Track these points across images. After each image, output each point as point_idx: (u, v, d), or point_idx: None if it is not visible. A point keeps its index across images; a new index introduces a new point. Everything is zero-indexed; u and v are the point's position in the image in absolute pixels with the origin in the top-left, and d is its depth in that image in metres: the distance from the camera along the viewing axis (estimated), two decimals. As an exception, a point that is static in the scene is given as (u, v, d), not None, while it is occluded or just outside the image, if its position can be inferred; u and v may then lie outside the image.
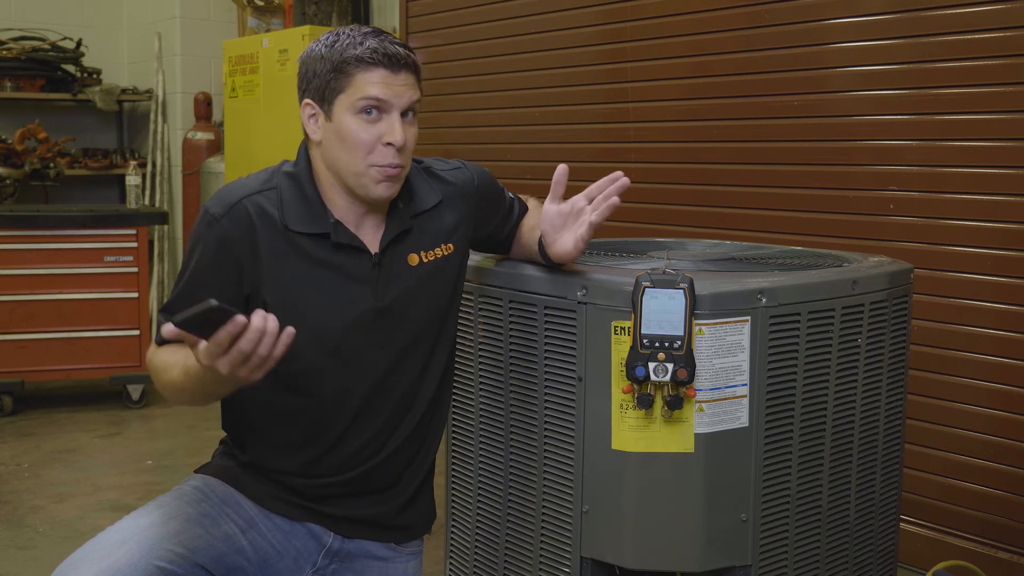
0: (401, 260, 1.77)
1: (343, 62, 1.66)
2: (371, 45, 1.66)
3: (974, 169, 2.75)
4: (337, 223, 1.73)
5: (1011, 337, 2.72)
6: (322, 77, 1.68)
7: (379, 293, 1.74)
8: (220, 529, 1.71)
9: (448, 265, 1.82)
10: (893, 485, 1.99)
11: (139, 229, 4.63)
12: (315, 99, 1.70)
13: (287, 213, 1.71)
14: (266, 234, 1.69)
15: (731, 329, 1.65)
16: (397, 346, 1.77)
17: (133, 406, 4.69)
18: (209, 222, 1.70)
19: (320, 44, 1.71)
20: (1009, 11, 2.66)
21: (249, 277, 1.70)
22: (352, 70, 1.66)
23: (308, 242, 1.71)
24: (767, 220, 3.20)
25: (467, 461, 1.98)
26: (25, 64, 5.86)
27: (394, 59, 1.67)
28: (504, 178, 2.16)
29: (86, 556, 1.57)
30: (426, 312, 1.80)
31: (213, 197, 1.74)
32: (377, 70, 1.66)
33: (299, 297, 1.70)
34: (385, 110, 1.67)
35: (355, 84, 1.66)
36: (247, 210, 1.70)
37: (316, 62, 1.69)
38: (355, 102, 1.66)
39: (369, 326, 1.74)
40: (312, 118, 1.71)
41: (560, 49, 3.88)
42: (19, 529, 3.21)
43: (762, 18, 3.19)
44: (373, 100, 1.66)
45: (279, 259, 1.70)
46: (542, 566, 1.80)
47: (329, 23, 5.10)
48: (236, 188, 1.74)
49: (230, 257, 1.69)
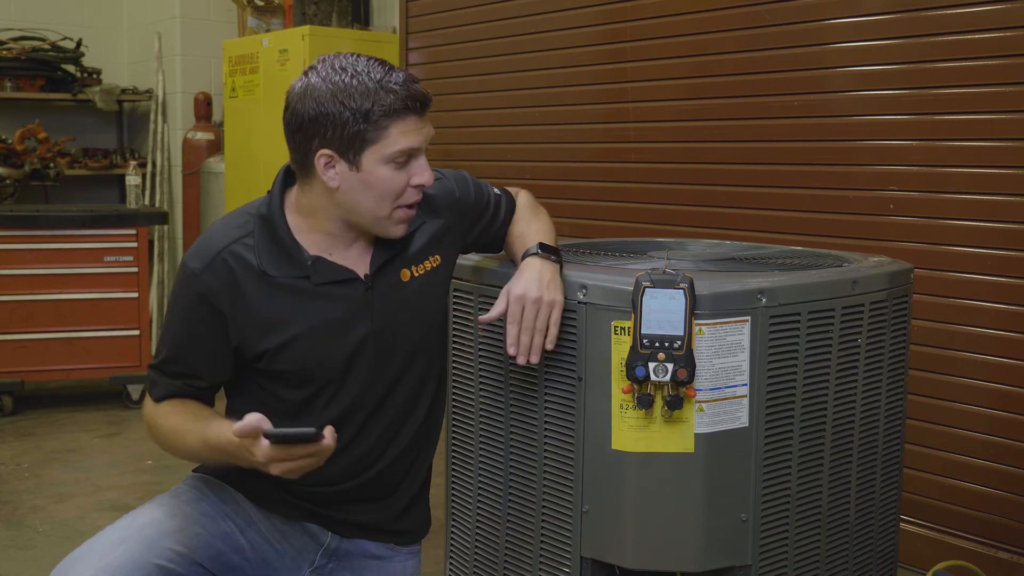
0: (393, 278, 1.76)
1: (372, 114, 1.59)
2: (399, 92, 1.60)
3: (974, 169, 2.75)
4: (316, 260, 1.69)
5: (1011, 337, 2.72)
6: (345, 128, 1.59)
7: (375, 315, 1.74)
8: (219, 528, 1.71)
9: (438, 276, 1.83)
10: (893, 485, 1.99)
11: (139, 229, 4.63)
12: (335, 149, 1.61)
13: (263, 260, 1.68)
14: (249, 283, 1.68)
15: (731, 329, 1.65)
16: (397, 362, 1.77)
17: (133, 406, 4.68)
18: (189, 277, 1.68)
19: (327, 84, 1.60)
20: (1009, 11, 2.66)
21: (236, 329, 1.69)
22: (384, 122, 1.59)
23: (293, 280, 1.70)
24: (767, 220, 3.20)
25: (467, 461, 1.97)
26: (25, 64, 5.86)
27: (422, 104, 1.63)
28: (504, 178, 2.16)
29: (85, 555, 1.57)
30: (421, 325, 1.80)
31: (192, 250, 1.72)
32: (409, 118, 1.62)
33: (298, 334, 1.69)
34: (415, 155, 1.66)
35: (390, 137, 1.60)
36: (227, 263, 1.67)
37: (329, 107, 1.59)
38: (389, 155, 1.61)
39: (370, 348, 1.74)
40: (329, 166, 1.63)
41: (560, 49, 3.88)
42: (19, 529, 3.21)
43: (762, 18, 3.19)
44: (408, 151, 1.63)
45: (269, 303, 1.68)
46: (542, 566, 1.80)
47: (329, 23, 5.10)
48: (213, 239, 1.71)
49: (213, 311, 1.68)
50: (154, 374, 1.75)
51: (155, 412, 1.74)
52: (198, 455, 1.69)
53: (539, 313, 1.64)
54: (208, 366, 1.72)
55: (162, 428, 1.72)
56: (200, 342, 1.70)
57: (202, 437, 1.62)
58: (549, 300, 1.65)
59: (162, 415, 1.72)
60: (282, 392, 1.73)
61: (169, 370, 1.73)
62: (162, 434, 1.72)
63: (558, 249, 1.78)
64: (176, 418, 1.70)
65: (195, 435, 1.63)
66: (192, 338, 1.70)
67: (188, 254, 1.71)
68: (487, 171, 3.73)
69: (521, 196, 1.99)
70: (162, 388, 1.74)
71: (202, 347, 1.71)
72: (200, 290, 1.67)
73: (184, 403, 1.73)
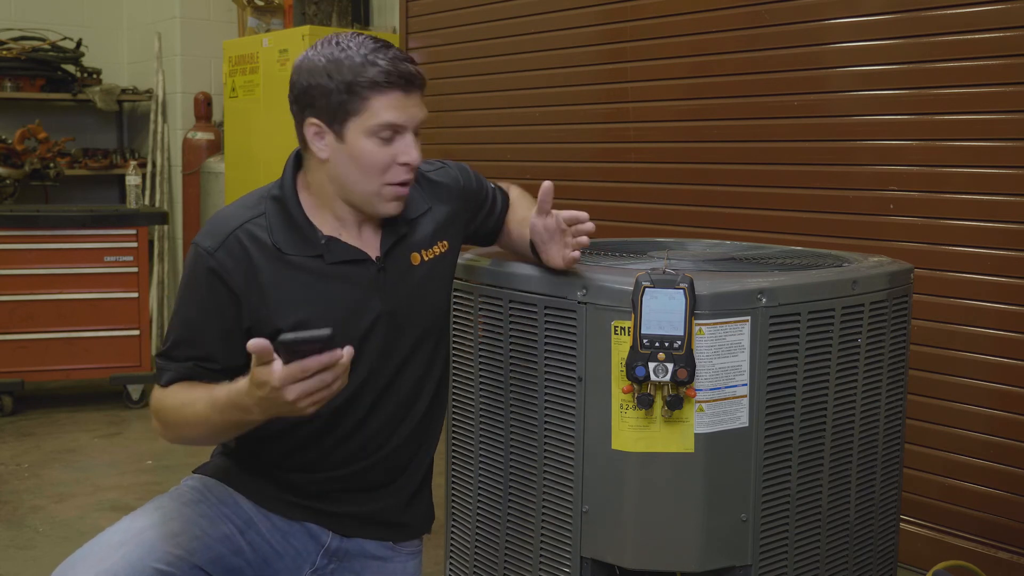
0: (404, 260, 1.78)
1: (355, 84, 1.61)
2: (384, 66, 1.61)
3: (974, 169, 2.75)
4: (329, 240, 1.70)
5: (1011, 337, 2.72)
6: (331, 98, 1.62)
7: (387, 297, 1.74)
8: (218, 530, 1.71)
9: (445, 261, 1.85)
10: (893, 485, 1.99)
11: (139, 229, 4.63)
12: (323, 119, 1.65)
13: (277, 238, 1.68)
14: (264, 262, 1.67)
15: (731, 329, 1.65)
16: (407, 346, 1.77)
17: (133, 406, 4.68)
18: (202, 256, 1.66)
19: (321, 57, 1.64)
20: (1009, 11, 2.66)
21: (250, 309, 1.67)
22: (366, 93, 1.61)
23: (307, 260, 1.69)
24: (767, 220, 3.20)
25: (467, 461, 1.97)
26: (25, 64, 5.86)
27: (408, 80, 1.64)
28: (504, 178, 2.16)
29: (84, 558, 1.57)
30: (431, 309, 1.81)
31: (204, 230, 1.70)
32: (392, 93, 1.62)
33: (311, 314, 1.67)
34: (400, 132, 1.66)
35: (370, 109, 1.62)
36: (240, 241, 1.67)
37: (319, 78, 1.63)
38: (371, 127, 1.63)
39: (381, 330, 1.74)
40: (318, 136, 1.66)
41: (560, 49, 3.88)
42: (19, 529, 3.21)
43: (762, 18, 3.19)
44: (390, 125, 1.64)
45: (283, 282, 1.68)
46: (542, 566, 1.80)
47: (329, 23, 5.10)
48: (226, 219, 1.70)
49: (227, 290, 1.66)
50: (162, 361, 1.70)
51: (161, 395, 1.68)
52: (207, 421, 1.58)
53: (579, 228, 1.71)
54: (223, 348, 1.67)
55: (170, 407, 1.65)
56: (213, 322, 1.66)
57: (210, 400, 1.55)
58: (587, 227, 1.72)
59: (168, 395, 1.66)
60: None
61: (180, 354, 1.68)
62: (170, 414, 1.65)
63: None
64: (182, 393, 1.64)
65: (203, 401, 1.57)
66: (205, 318, 1.67)
67: (200, 235, 1.69)
68: (487, 171, 3.71)
69: (514, 190, 2.04)
70: (171, 372, 1.68)
71: (216, 326, 1.67)
72: (213, 267, 1.65)
73: (193, 383, 1.67)
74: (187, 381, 1.67)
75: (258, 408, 1.46)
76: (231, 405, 1.51)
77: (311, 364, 1.38)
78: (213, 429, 1.60)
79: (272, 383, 1.39)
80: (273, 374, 1.38)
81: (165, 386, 1.68)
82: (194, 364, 1.68)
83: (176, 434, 1.68)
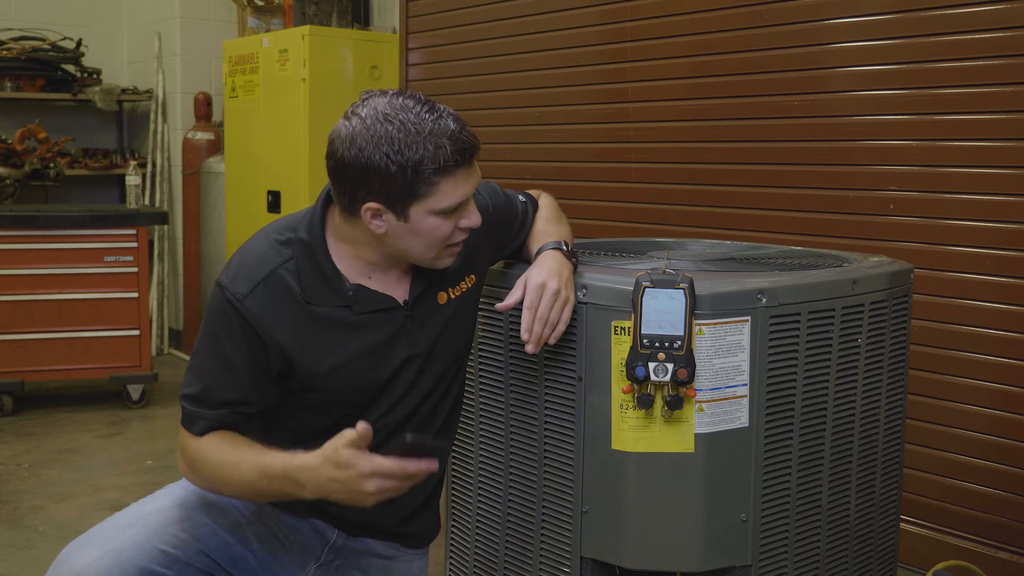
0: (431, 302, 1.74)
1: (420, 169, 1.53)
2: (448, 147, 1.54)
3: (974, 169, 2.75)
4: (358, 289, 1.66)
5: (1011, 337, 2.72)
6: (393, 183, 1.54)
7: (413, 341, 1.71)
8: (226, 519, 1.72)
9: (472, 296, 1.81)
10: (893, 485, 1.99)
11: (139, 229, 4.63)
12: (383, 202, 1.56)
13: (306, 288, 1.64)
14: (292, 311, 1.63)
15: (731, 329, 1.65)
16: (432, 379, 1.76)
17: (133, 406, 4.69)
18: (231, 302, 1.62)
19: (372, 134, 1.53)
20: (1009, 11, 2.66)
21: (277, 355, 1.63)
22: (434, 179, 1.55)
23: (334, 310, 1.66)
24: (767, 220, 3.20)
25: (467, 461, 1.98)
26: (25, 64, 5.85)
27: (471, 153, 1.58)
28: (504, 178, 2.16)
29: (93, 538, 1.60)
30: (455, 344, 1.79)
31: (233, 272, 1.64)
32: (459, 171, 1.57)
33: (338, 364, 1.66)
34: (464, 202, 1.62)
35: (439, 192, 1.56)
36: (270, 288, 1.62)
37: (376, 159, 1.53)
38: (440, 209, 1.58)
39: (407, 371, 1.72)
40: (376, 217, 1.59)
41: (560, 49, 3.88)
42: (19, 529, 3.21)
43: (762, 18, 3.19)
44: (458, 203, 1.60)
45: (310, 332, 1.65)
46: (542, 566, 1.80)
47: (329, 23, 5.10)
48: (257, 263, 1.65)
49: (255, 336, 1.62)
50: (193, 407, 1.64)
51: (198, 446, 1.62)
52: (252, 487, 1.57)
53: (555, 306, 1.67)
54: (258, 390, 1.65)
55: (208, 461, 1.61)
56: (247, 365, 1.63)
57: (259, 466, 1.53)
58: (566, 296, 1.68)
59: (208, 448, 1.62)
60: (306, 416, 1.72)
61: (212, 400, 1.63)
62: (208, 468, 1.62)
63: (576, 252, 1.81)
64: (225, 449, 1.60)
65: (250, 465, 1.55)
66: (238, 362, 1.63)
67: (229, 278, 1.64)
68: (487, 171, 3.72)
69: (543, 199, 1.98)
70: (205, 421, 1.63)
71: (249, 369, 1.63)
72: (243, 312, 1.61)
73: (232, 435, 1.64)
74: (224, 431, 1.64)
75: (316, 487, 1.49)
76: (286, 477, 1.51)
77: (410, 468, 1.42)
78: (256, 494, 1.61)
79: (361, 469, 1.42)
80: (367, 460, 1.42)
81: (200, 435, 1.64)
82: (230, 411, 1.64)
83: (208, 486, 1.66)
